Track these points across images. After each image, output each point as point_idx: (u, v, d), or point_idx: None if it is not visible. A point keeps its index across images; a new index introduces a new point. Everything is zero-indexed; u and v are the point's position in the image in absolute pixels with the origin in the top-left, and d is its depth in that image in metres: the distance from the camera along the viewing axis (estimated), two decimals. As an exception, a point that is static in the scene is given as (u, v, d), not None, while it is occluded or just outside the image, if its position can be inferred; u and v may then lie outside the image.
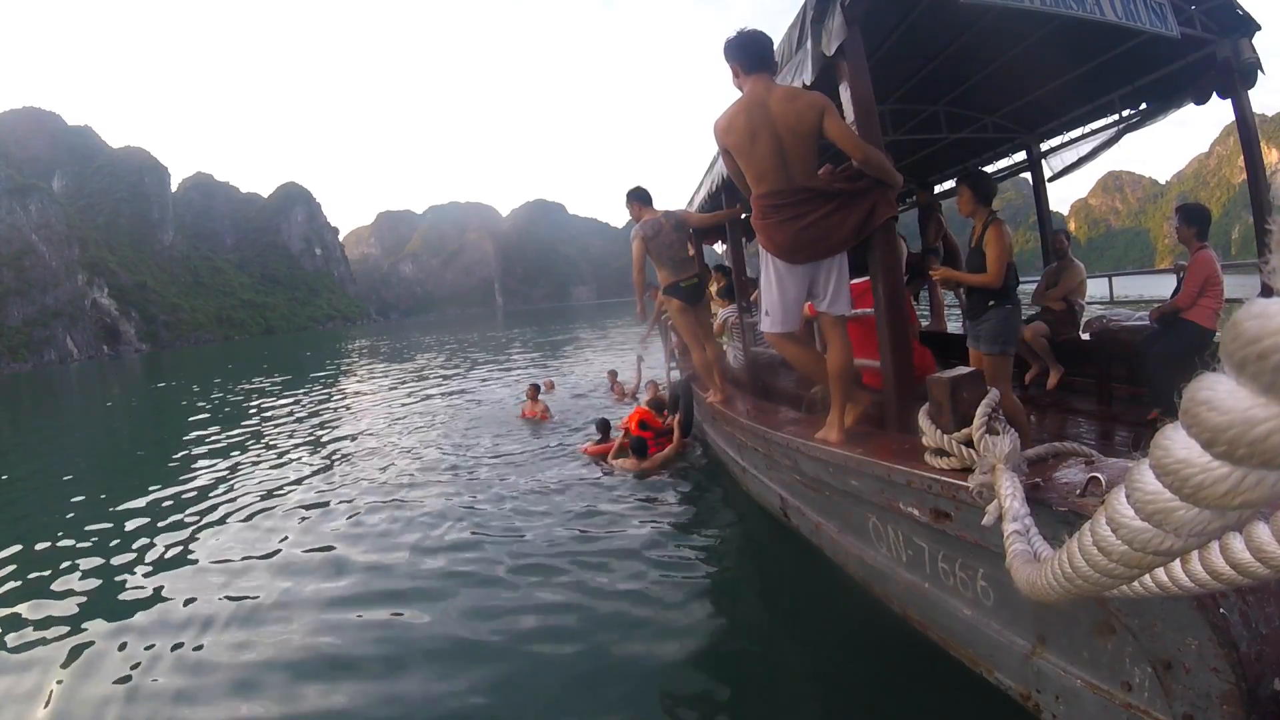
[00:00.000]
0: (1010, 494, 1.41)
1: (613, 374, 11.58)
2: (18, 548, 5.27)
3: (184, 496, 6.41)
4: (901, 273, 2.86)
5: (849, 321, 2.95)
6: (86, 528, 5.61)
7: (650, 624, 3.22)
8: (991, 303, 3.24)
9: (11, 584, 4.49)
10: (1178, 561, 0.55)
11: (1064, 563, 0.65)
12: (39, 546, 5.26)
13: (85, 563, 4.75)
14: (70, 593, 4.23)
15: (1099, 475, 1.46)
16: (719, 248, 7.21)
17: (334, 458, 7.58)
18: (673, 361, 9.20)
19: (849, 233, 2.67)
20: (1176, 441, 0.45)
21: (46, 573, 4.60)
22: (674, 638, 3.09)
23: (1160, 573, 0.57)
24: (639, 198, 4.71)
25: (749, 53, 2.70)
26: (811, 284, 2.83)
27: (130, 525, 5.60)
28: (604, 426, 6.76)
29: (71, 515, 6.17)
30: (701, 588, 3.64)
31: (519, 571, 3.95)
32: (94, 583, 4.38)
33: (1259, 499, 0.43)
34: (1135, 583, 0.59)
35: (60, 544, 5.25)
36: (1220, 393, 0.41)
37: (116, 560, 4.76)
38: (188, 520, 5.56)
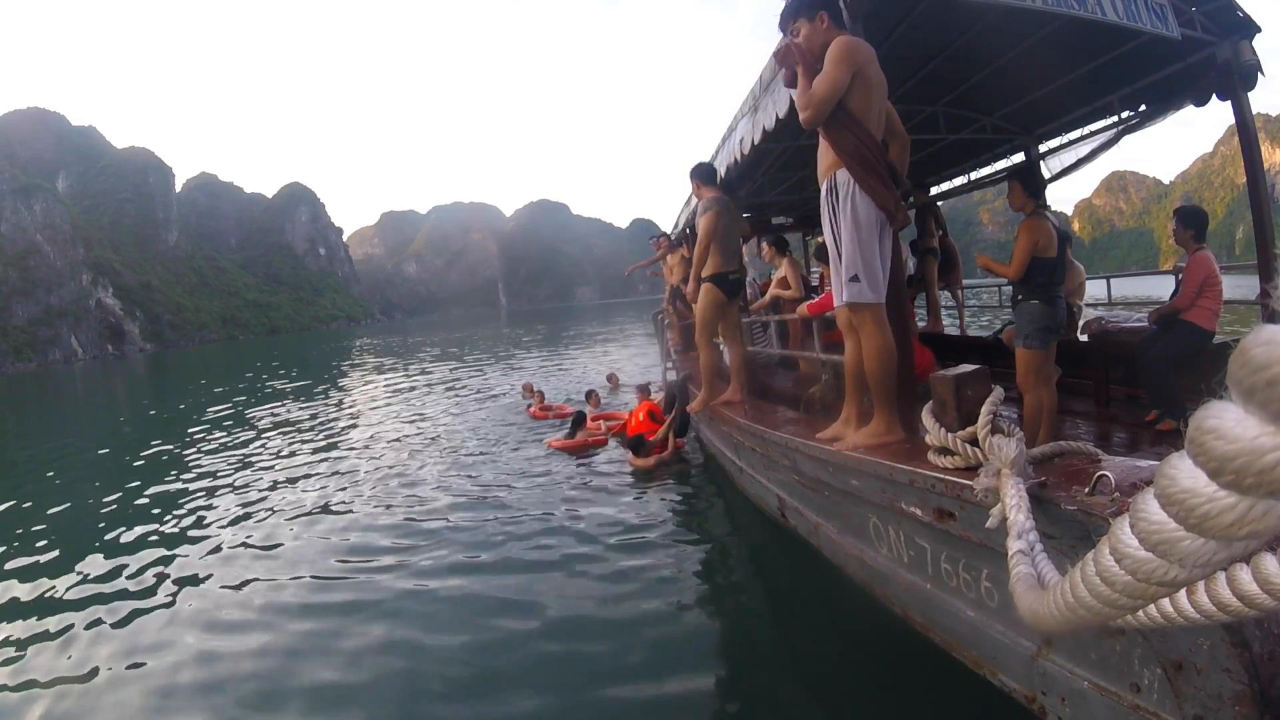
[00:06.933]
0: (1016, 505, 1.38)
1: (613, 377, 11.59)
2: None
3: (195, 490, 6.43)
4: (904, 272, 2.84)
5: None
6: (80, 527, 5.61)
7: (645, 628, 3.21)
8: (1019, 296, 3.31)
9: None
10: (1183, 592, 0.54)
11: (1066, 592, 0.64)
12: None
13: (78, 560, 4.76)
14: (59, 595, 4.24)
15: (1106, 474, 1.44)
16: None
17: (343, 456, 7.59)
18: (669, 361, 9.12)
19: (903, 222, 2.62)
20: (1182, 470, 0.44)
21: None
22: (669, 642, 3.08)
23: (1165, 603, 0.56)
24: (704, 175, 4.41)
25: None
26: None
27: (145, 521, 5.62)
28: (579, 420, 7.24)
29: (60, 518, 6.18)
30: (697, 590, 3.63)
31: (512, 572, 3.96)
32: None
33: (1266, 529, 0.42)
34: (1140, 613, 0.58)
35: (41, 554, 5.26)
36: (1227, 421, 0.40)
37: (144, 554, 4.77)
38: (199, 516, 5.58)
